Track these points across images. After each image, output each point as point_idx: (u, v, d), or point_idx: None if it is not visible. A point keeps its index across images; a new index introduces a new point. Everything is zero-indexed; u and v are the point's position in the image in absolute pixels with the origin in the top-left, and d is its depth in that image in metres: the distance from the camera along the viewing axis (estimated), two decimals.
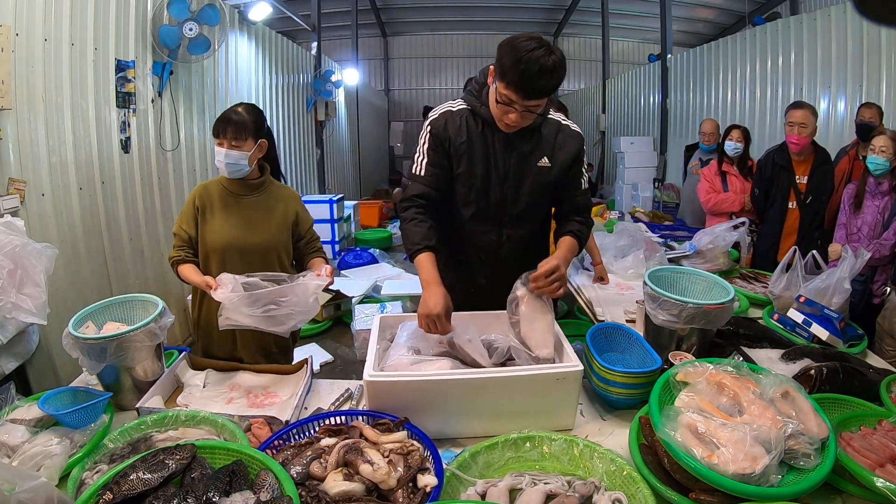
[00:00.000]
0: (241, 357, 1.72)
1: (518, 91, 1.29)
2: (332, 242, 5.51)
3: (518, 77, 1.27)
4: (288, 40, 5.94)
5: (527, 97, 1.30)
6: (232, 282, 1.48)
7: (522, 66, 1.25)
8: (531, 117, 1.39)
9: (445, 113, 1.52)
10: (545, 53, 1.26)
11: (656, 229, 3.70)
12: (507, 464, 1.12)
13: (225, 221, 1.69)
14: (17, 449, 1.10)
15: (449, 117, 1.51)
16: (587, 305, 2.30)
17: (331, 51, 9.29)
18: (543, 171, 1.50)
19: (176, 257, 1.69)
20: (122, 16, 2.98)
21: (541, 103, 1.34)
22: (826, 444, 1.01)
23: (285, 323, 1.48)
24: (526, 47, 1.26)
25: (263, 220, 1.71)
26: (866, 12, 0.94)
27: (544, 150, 1.50)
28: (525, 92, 1.29)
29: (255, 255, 1.69)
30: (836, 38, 4.11)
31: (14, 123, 2.29)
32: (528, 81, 1.27)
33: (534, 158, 1.50)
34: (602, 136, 9.69)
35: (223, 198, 1.70)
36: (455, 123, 1.49)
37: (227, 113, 1.63)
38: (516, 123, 1.38)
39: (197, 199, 1.70)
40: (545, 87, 1.30)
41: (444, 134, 1.49)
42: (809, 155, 2.81)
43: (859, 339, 1.78)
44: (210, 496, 0.88)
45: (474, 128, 1.49)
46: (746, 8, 8.32)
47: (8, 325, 1.77)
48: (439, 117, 1.52)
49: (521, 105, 1.32)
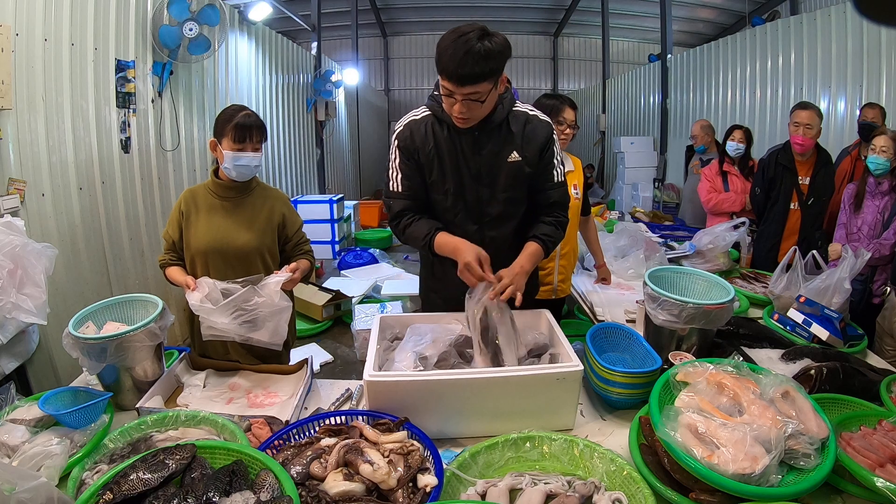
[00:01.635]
0: (234, 359, 1.72)
1: (450, 78, 1.27)
2: (332, 242, 5.50)
3: (447, 63, 1.25)
4: (288, 40, 5.94)
5: (460, 83, 1.26)
6: (210, 287, 1.48)
7: (450, 52, 1.24)
8: (478, 106, 1.33)
9: (410, 123, 1.49)
10: (476, 38, 1.23)
11: (656, 229, 3.71)
12: (507, 464, 1.12)
13: (208, 224, 1.70)
14: (17, 449, 1.10)
15: (414, 127, 1.48)
16: (587, 306, 2.30)
17: (331, 51, 9.30)
18: (515, 165, 1.46)
19: (163, 261, 1.76)
20: (122, 16, 2.98)
21: (479, 89, 1.28)
22: (826, 444, 1.01)
23: (262, 327, 1.48)
24: (458, 32, 1.25)
25: (247, 223, 1.72)
26: (866, 13, 0.94)
27: (513, 145, 1.46)
28: (456, 78, 1.26)
29: (236, 257, 1.70)
30: (836, 38, 4.11)
31: (14, 123, 2.29)
32: (455, 67, 1.24)
33: (504, 154, 1.46)
34: (602, 136, 9.69)
35: (208, 201, 1.72)
36: (420, 132, 1.46)
37: (242, 118, 1.61)
38: (465, 115, 1.34)
39: (182, 204, 1.73)
40: (475, 73, 1.25)
41: (412, 145, 1.47)
42: (812, 156, 2.81)
43: (859, 339, 1.78)
44: (210, 496, 0.88)
45: (440, 133, 1.45)
46: (746, 8, 8.32)
47: (8, 325, 1.77)
48: (404, 129, 1.49)
49: (459, 94, 1.28)
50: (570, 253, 2.26)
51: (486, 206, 1.50)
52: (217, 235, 1.69)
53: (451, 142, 1.45)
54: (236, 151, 1.61)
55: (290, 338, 1.78)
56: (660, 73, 7.14)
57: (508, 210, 1.52)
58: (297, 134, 6.30)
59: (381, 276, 4.42)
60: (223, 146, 1.63)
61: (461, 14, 11.00)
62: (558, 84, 12.67)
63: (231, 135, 1.60)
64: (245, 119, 1.62)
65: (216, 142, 1.66)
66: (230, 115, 1.63)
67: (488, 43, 1.24)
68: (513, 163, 1.46)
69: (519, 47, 12.62)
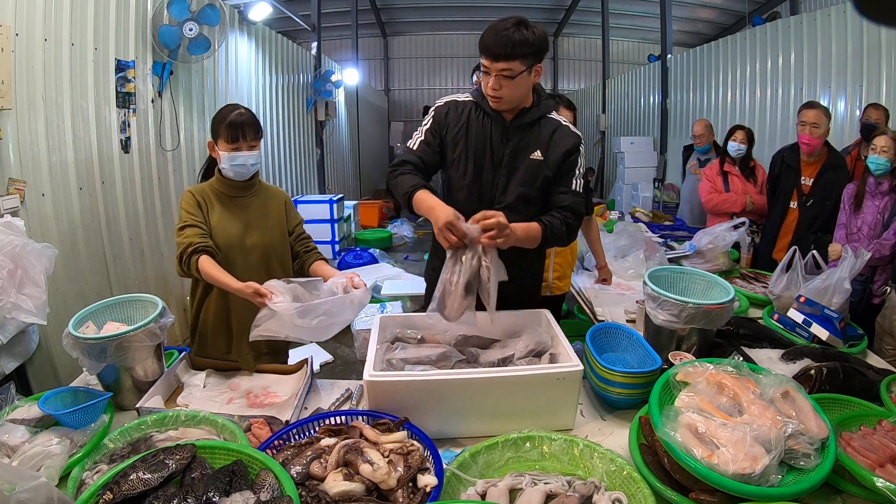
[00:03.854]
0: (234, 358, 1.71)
1: (486, 54, 1.39)
2: (332, 242, 5.50)
3: (485, 39, 1.39)
4: (288, 40, 5.94)
5: (494, 59, 1.39)
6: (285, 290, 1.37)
7: (491, 32, 1.38)
8: (510, 84, 1.42)
9: (451, 102, 1.60)
10: (514, 22, 1.37)
11: (656, 229, 3.71)
12: (507, 464, 1.12)
13: (225, 220, 1.66)
14: (17, 449, 1.10)
15: (452, 106, 1.58)
16: (587, 305, 2.31)
17: (331, 51, 9.29)
18: (535, 164, 1.53)
19: (198, 244, 1.51)
20: (122, 16, 2.98)
21: (510, 66, 1.39)
22: (826, 444, 1.01)
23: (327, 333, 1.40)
24: (501, 21, 1.39)
25: (261, 220, 1.70)
26: (866, 13, 0.94)
27: (539, 145, 1.53)
28: (491, 53, 1.38)
29: (255, 254, 1.68)
30: (836, 38, 4.11)
31: (14, 123, 2.29)
32: (491, 42, 1.37)
33: (528, 151, 1.53)
34: (602, 136, 9.69)
35: (220, 198, 1.68)
36: (457, 111, 1.57)
37: (234, 117, 1.59)
38: (498, 93, 1.44)
39: (196, 195, 1.66)
40: (507, 51, 1.37)
41: (444, 121, 1.57)
42: (821, 157, 2.78)
43: (859, 339, 1.78)
44: (210, 496, 0.88)
45: (475, 117, 1.55)
46: (746, 8, 8.32)
47: (8, 325, 1.77)
48: (444, 105, 1.60)
49: (493, 69, 1.40)
50: (566, 251, 2.26)
51: (499, 194, 1.55)
52: (235, 231, 1.66)
53: (482, 127, 1.55)
54: (231, 151, 1.59)
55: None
56: (660, 73, 7.14)
57: (520, 203, 1.55)
58: (297, 134, 6.30)
59: (381, 276, 4.42)
60: (219, 147, 1.61)
61: (461, 14, 11.00)
62: (558, 84, 12.67)
63: (225, 135, 1.59)
64: (237, 118, 1.59)
65: (213, 143, 1.65)
66: (224, 115, 1.61)
67: (525, 30, 1.37)
68: (534, 160, 1.53)
69: None
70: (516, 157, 1.53)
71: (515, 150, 1.53)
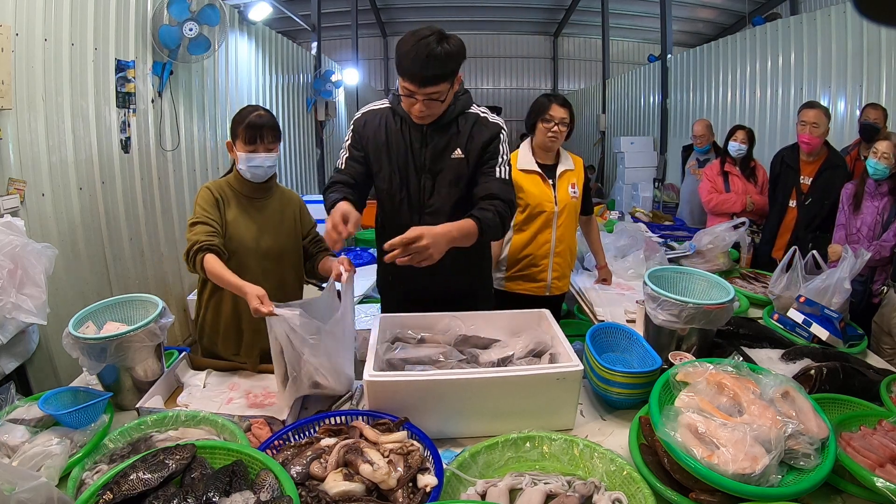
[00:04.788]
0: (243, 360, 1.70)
1: (412, 80, 1.36)
2: None
3: (409, 65, 1.33)
4: (288, 40, 5.94)
5: (421, 84, 1.35)
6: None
7: (412, 55, 1.32)
8: (438, 105, 1.42)
9: (367, 113, 1.61)
10: (436, 41, 1.31)
11: (656, 229, 3.71)
12: (507, 464, 1.12)
13: (240, 221, 1.63)
14: (17, 449, 1.10)
15: (369, 117, 1.59)
16: (587, 306, 2.30)
17: (331, 51, 9.29)
18: (457, 162, 1.53)
19: (203, 242, 1.48)
20: (122, 16, 2.98)
21: (439, 90, 1.37)
22: (826, 444, 1.01)
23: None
24: (418, 35, 1.32)
25: (277, 223, 1.69)
26: (866, 13, 0.94)
27: (458, 143, 1.53)
28: (418, 80, 1.35)
29: (269, 258, 1.66)
30: (836, 38, 4.11)
31: (14, 123, 2.29)
32: (417, 69, 1.33)
33: (448, 150, 1.53)
34: (602, 136, 9.69)
35: (237, 198, 1.65)
36: (374, 122, 1.57)
37: (253, 118, 1.57)
38: (424, 113, 1.43)
39: (215, 191, 1.62)
40: (437, 74, 1.34)
41: (364, 132, 1.58)
42: (820, 157, 2.78)
43: (859, 339, 1.78)
44: (210, 496, 0.88)
45: (393, 125, 1.55)
46: (746, 8, 8.31)
47: (8, 325, 1.77)
48: (361, 117, 1.61)
49: (420, 94, 1.37)
50: (565, 251, 2.25)
51: (427, 198, 1.57)
52: (250, 234, 1.63)
53: (401, 134, 1.55)
54: (249, 153, 1.58)
55: None
56: (660, 73, 7.14)
57: (447, 205, 1.57)
58: (297, 134, 6.30)
59: None
60: (237, 147, 1.60)
61: (461, 14, 11.00)
62: (558, 84, 12.66)
63: (243, 136, 1.57)
64: (256, 119, 1.58)
65: (231, 143, 1.63)
66: (243, 116, 1.59)
67: (447, 45, 1.33)
68: (455, 159, 1.54)
69: (519, 47, 12.61)
70: (438, 159, 1.54)
71: (436, 152, 1.53)
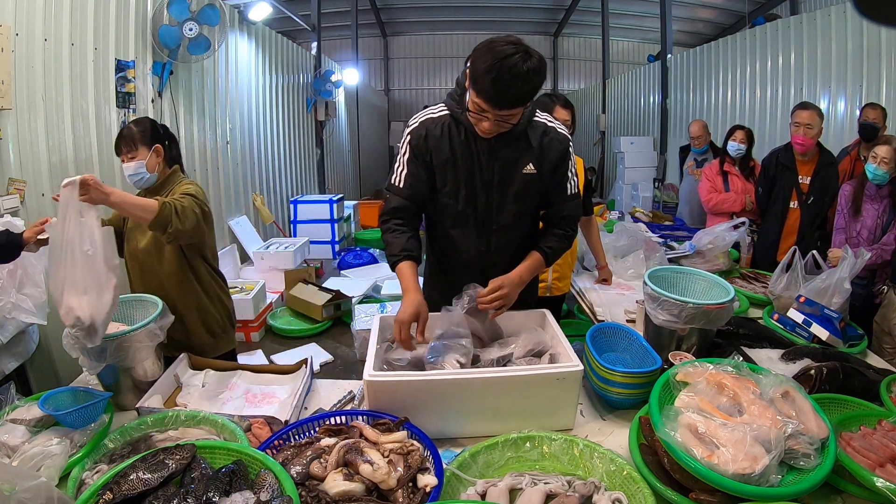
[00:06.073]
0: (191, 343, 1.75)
1: (489, 100, 1.22)
2: (332, 242, 5.50)
3: (489, 85, 1.19)
4: (288, 40, 5.94)
5: (499, 107, 1.23)
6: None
7: (494, 74, 1.17)
8: (508, 126, 1.32)
9: (426, 122, 1.43)
10: (521, 59, 1.17)
11: (656, 229, 3.70)
12: (507, 464, 1.12)
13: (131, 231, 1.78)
14: (17, 449, 1.10)
15: (430, 126, 1.42)
16: (587, 305, 2.30)
17: (331, 51, 9.29)
18: (529, 177, 1.43)
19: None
20: (122, 16, 2.99)
21: (515, 112, 1.27)
22: (826, 444, 1.01)
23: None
24: (501, 53, 1.16)
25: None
26: (866, 13, 0.94)
27: (530, 157, 1.42)
28: (496, 101, 1.22)
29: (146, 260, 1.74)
30: (836, 38, 4.11)
31: (14, 123, 2.29)
32: (500, 90, 1.19)
33: (519, 165, 1.42)
34: (602, 136, 9.69)
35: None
36: (435, 134, 1.41)
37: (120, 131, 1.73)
38: (493, 132, 1.32)
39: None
40: (518, 96, 1.22)
41: (425, 146, 1.42)
42: (814, 156, 2.80)
43: (859, 339, 1.78)
44: (210, 496, 0.88)
45: (456, 136, 1.40)
46: (746, 8, 8.32)
47: (8, 325, 1.77)
48: (419, 126, 1.43)
49: (493, 114, 1.25)
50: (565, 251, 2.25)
51: (495, 214, 1.47)
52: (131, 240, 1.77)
53: (467, 147, 1.41)
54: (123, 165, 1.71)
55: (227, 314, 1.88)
56: (660, 73, 7.14)
57: (517, 219, 1.49)
58: (297, 134, 6.30)
59: (381, 276, 4.42)
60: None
61: (461, 14, 11.00)
62: (558, 84, 12.66)
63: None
64: (122, 131, 1.72)
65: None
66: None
67: (532, 63, 1.18)
68: (527, 174, 1.43)
69: None
70: (508, 173, 1.42)
71: (506, 167, 1.42)
